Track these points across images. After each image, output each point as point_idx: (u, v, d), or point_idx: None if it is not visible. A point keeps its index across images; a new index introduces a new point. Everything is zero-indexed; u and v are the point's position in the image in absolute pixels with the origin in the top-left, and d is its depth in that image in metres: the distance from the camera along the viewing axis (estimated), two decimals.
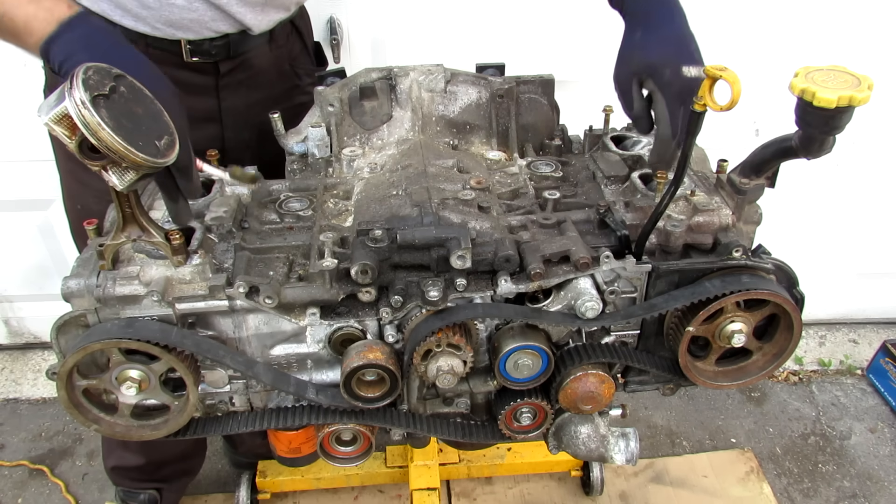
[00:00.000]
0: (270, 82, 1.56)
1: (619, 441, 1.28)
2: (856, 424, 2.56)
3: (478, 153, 1.41)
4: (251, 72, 1.50)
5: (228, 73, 1.47)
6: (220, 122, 1.51)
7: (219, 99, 1.49)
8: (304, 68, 1.64)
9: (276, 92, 1.57)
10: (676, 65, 1.07)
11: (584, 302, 1.07)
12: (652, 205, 1.14)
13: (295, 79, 1.62)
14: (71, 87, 0.83)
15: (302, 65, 1.63)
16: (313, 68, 1.67)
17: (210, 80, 1.46)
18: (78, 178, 1.53)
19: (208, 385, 1.16)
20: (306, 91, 1.64)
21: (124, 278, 1.03)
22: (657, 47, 1.11)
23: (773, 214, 1.32)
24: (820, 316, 2.91)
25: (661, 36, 1.12)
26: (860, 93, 0.90)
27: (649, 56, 1.11)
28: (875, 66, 1.46)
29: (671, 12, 1.14)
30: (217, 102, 1.49)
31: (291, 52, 1.59)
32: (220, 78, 1.47)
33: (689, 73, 1.06)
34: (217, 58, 1.43)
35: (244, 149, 1.52)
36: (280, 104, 1.57)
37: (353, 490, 2.29)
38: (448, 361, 1.10)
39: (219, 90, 1.48)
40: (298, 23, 1.59)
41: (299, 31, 1.60)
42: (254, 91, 1.53)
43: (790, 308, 1.13)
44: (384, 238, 1.08)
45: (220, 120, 1.51)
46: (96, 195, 1.36)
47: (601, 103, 1.41)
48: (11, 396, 2.66)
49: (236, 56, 1.45)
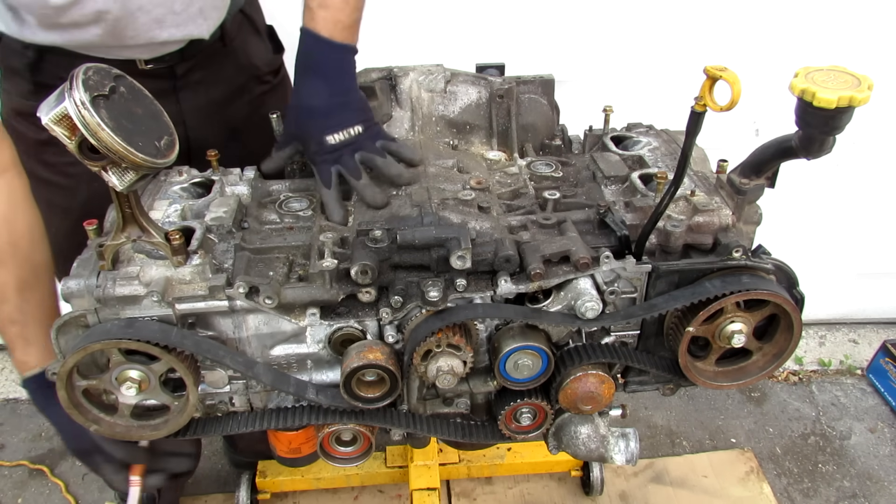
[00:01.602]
0: (229, 77, 1.53)
1: (619, 441, 1.28)
2: (856, 424, 2.56)
3: (478, 153, 1.41)
4: (208, 70, 1.48)
5: (185, 74, 1.45)
6: (184, 124, 1.47)
7: (178, 102, 1.46)
8: (261, 57, 1.61)
9: (235, 86, 1.55)
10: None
11: (584, 302, 1.07)
12: (652, 205, 1.14)
13: (253, 69, 1.58)
14: (71, 88, 0.83)
15: (258, 53, 1.60)
16: (271, 56, 1.64)
17: (167, 83, 1.43)
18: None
19: (208, 385, 1.16)
20: (266, 80, 1.62)
21: (124, 278, 1.03)
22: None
23: (773, 214, 1.32)
24: (820, 316, 2.91)
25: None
26: (860, 93, 0.90)
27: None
28: (875, 66, 1.46)
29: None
30: (178, 105, 1.46)
31: (245, 42, 1.55)
32: (177, 80, 1.45)
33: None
34: (171, 62, 1.41)
35: (210, 148, 1.50)
36: (242, 97, 1.55)
37: (353, 490, 2.29)
38: (448, 362, 1.10)
39: (177, 93, 1.46)
40: (248, 10, 1.55)
41: (250, 18, 1.56)
42: (213, 89, 1.50)
43: (790, 308, 1.13)
44: (384, 238, 1.08)
45: (183, 122, 1.47)
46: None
47: (601, 103, 1.41)
48: (11, 396, 2.66)
49: (191, 58, 1.43)
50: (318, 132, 1.20)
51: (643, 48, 2.20)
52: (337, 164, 1.21)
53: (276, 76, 1.67)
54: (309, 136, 1.22)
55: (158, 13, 1.30)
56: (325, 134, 1.20)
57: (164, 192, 1.24)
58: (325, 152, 1.21)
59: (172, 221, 1.16)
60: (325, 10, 1.21)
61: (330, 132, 1.20)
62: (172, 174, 1.29)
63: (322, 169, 1.22)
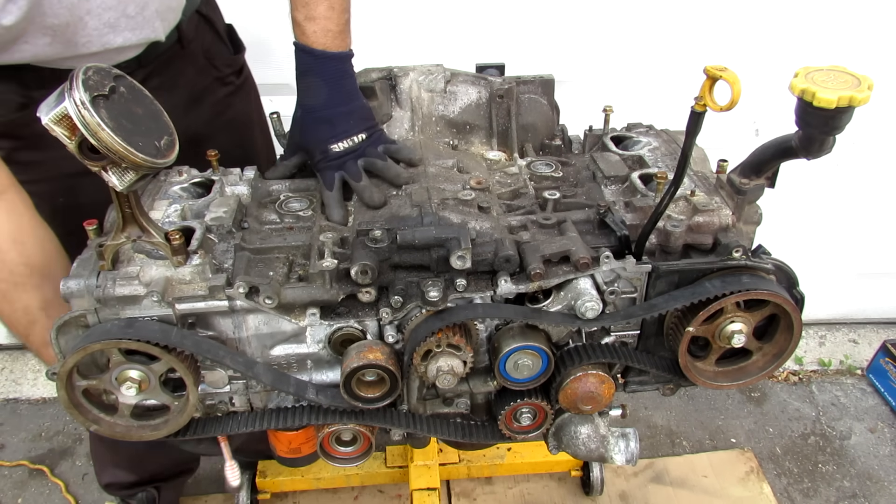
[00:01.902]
0: (189, 81, 1.49)
1: (619, 441, 1.28)
2: (856, 424, 2.56)
3: (478, 153, 1.41)
4: (166, 75, 1.43)
5: (143, 81, 1.38)
6: None
7: None
8: (222, 58, 1.56)
9: (197, 89, 1.51)
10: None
11: (584, 302, 1.07)
12: (652, 205, 1.14)
13: (214, 71, 1.54)
14: (71, 88, 0.83)
15: (218, 54, 1.55)
16: (231, 57, 1.60)
17: None
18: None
19: (208, 385, 1.16)
20: (228, 82, 1.58)
21: (124, 278, 1.03)
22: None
23: (773, 214, 1.32)
24: (820, 316, 2.91)
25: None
26: (860, 93, 0.90)
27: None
28: (875, 66, 1.46)
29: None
30: None
31: (204, 44, 1.51)
32: None
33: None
34: (128, 70, 1.37)
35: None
36: (204, 100, 1.52)
37: (353, 490, 2.29)
38: (448, 362, 1.10)
39: None
40: (205, 10, 1.50)
41: (207, 18, 1.52)
42: (173, 94, 1.44)
43: (790, 308, 1.13)
44: (384, 238, 1.08)
45: None
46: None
47: (601, 103, 1.41)
48: (11, 396, 2.66)
49: (148, 64, 1.39)
50: (324, 141, 1.23)
51: (643, 48, 2.20)
52: (341, 170, 1.24)
53: (240, 77, 1.63)
54: (315, 146, 1.24)
55: (110, 17, 1.24)
56: (329, 143, 1.23)
57: (164, 192, 1.24)
58: (329, 159, 1.24)
59: (172, 221, 1.16)
60: (313, 22, 1.21)
61: (335, 141, 1.23)
62: (172, 174, 1.29)
63: (326, 175, 1.24)
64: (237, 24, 1.64)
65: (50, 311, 1.15)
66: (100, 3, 1.20)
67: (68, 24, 1.20)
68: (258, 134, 1.71)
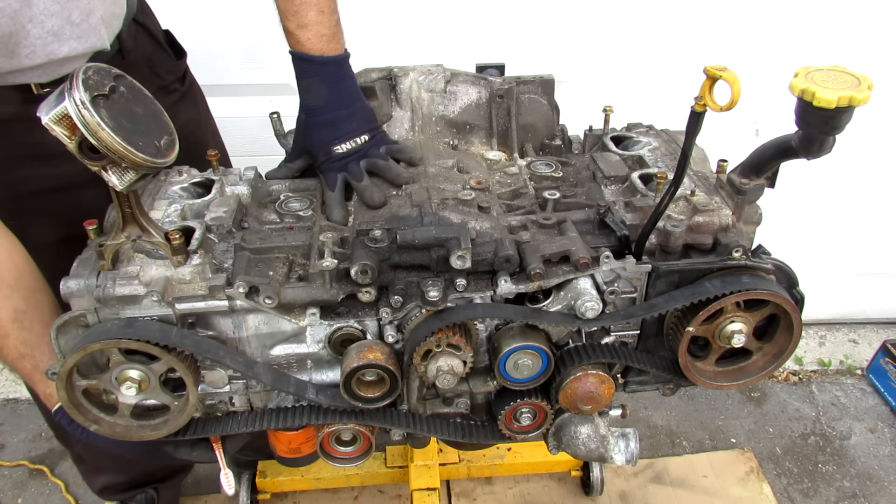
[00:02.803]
0: None
1: (619, 441, 1.28)
2: (856, 424, 2.56)
3: (478, 153, 1.41)
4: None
5: None
6: None
7: None
8: (164, 65, 1.52)
9: None
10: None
11: (584, 302, 1.07)
12: (652, 205, 1.14)
13: (157, 80, 1.49)
14: (71, 88, 0.83)
15: (160, 62, 1.51)
16: (173, 63, 1.55)
17: None
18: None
19: (208, 385, 1.16)
20: (173, 89, 1.54)
21: (124, 278, 1.03)
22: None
23: (773, 214, 1.32)
24: (820, 316, 2.91)
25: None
26: (860, 93, 0.90)
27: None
28: (875, 66, 1.46)
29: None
30: None
31: (144, 52, 1.46)
32: None
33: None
34: None
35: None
36: None
37: (353, 490, 2.29)
38: (448, 361, 1.10)
39: None
40: (141, 18, 1.45)
41: (144, 26, 1.46)
42: None
43: (790, 308, 1.13)
44: (384, 238, 1.08)
45: None
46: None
47: (601, 103, 1.41)
48: (11, 396, 2.66)
49: None
50: (327, 143, 1.25)
51: (643, 48, 2.20)
52: (343, 171, 1.25)
53: (184, 83, 1.59)
54: (318, 148, 1.26)
55: (54, 25, 1.17)
56: (333, 145, 1.24)
57: (164, 192, 1.24)
58: (332, 161, 1.25)
59: (172, 221, 1.16)
60: (306, 29, 1.22)
61: (338, 143, 1.24)
62: (172, 174, 1.29)
63: (329, 176, 1.25)
64: (174, 30, 1.60)
65: (23, 323, 1.14)
66: (42, 9, 1.14)
67: (11, 34, 1.13)
68: (210, 138, 1.68)
